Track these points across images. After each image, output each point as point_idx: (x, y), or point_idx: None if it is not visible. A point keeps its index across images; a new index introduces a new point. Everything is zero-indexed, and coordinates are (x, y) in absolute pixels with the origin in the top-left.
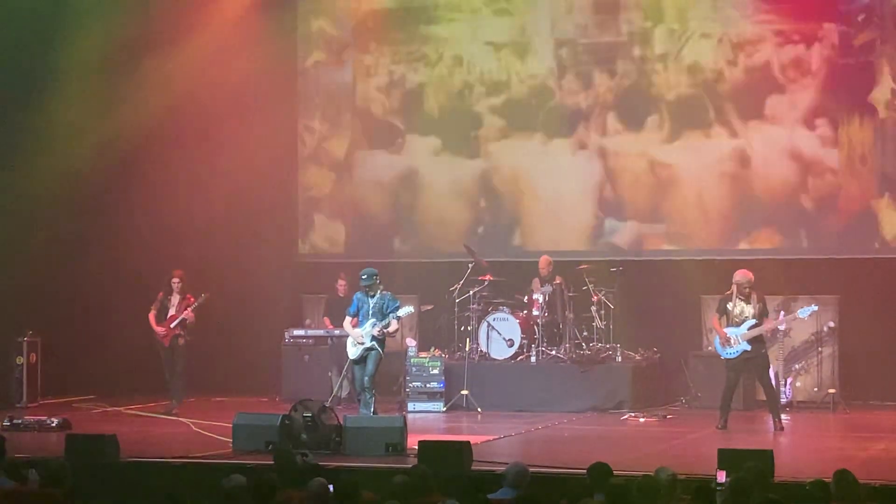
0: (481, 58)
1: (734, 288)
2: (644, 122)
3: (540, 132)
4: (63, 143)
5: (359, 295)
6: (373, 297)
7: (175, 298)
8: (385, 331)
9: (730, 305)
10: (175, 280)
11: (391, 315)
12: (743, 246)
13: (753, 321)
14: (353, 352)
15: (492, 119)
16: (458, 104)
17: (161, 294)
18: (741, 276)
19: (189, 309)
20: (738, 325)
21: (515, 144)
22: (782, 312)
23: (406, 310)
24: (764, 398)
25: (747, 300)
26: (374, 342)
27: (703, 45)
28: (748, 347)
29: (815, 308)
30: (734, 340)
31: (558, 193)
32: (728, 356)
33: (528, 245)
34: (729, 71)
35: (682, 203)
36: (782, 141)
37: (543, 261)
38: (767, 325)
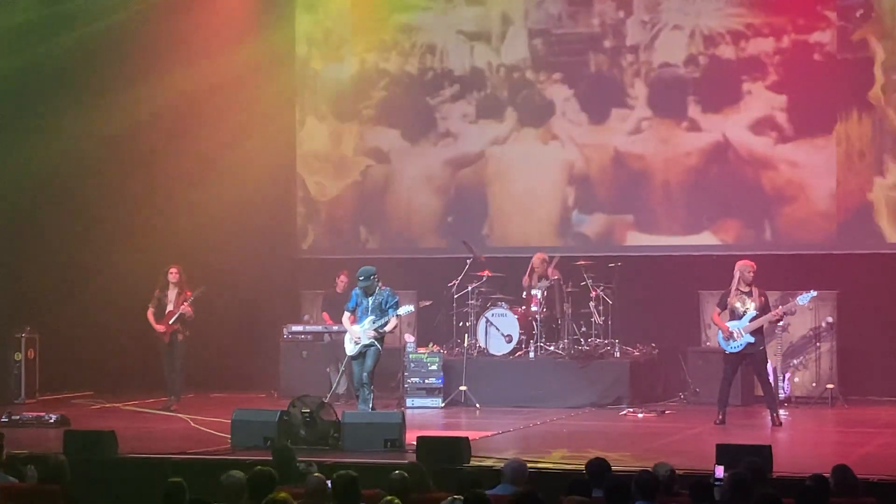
0: (454, 47)
1: (736, 278)
2: (615, 113)
3: (512, 123)
4: (62, 140)
5: (357, 290)
6: (371, 294)
7: (172, 293)
8: (383, 329)
9: (731, 299)
10: (172, 271)
11: (391, 312)
12: (725, 240)
13: (755, 313)
14: (350, 348)
15: (465, 109)
16: (429, 94)
17: (157, 291)
18: (744, 265)
19: (187, 303)
20: (740, 318)
21: (487, 135)
22: (781, 306)
23: (406, 308)
24: (762, 394)
25: (749, 293)
26: (371, 338)
27: (674, 36)
28: (752, 340)
29: (815, 293)
30: (737, 334)
31: (528, 184)
32: (732, 350)
33: (495, 237)
34: (699, 63)
35: (653, 194)
36: (754, 132)
37: (537, 258)
38: (769, 315)
